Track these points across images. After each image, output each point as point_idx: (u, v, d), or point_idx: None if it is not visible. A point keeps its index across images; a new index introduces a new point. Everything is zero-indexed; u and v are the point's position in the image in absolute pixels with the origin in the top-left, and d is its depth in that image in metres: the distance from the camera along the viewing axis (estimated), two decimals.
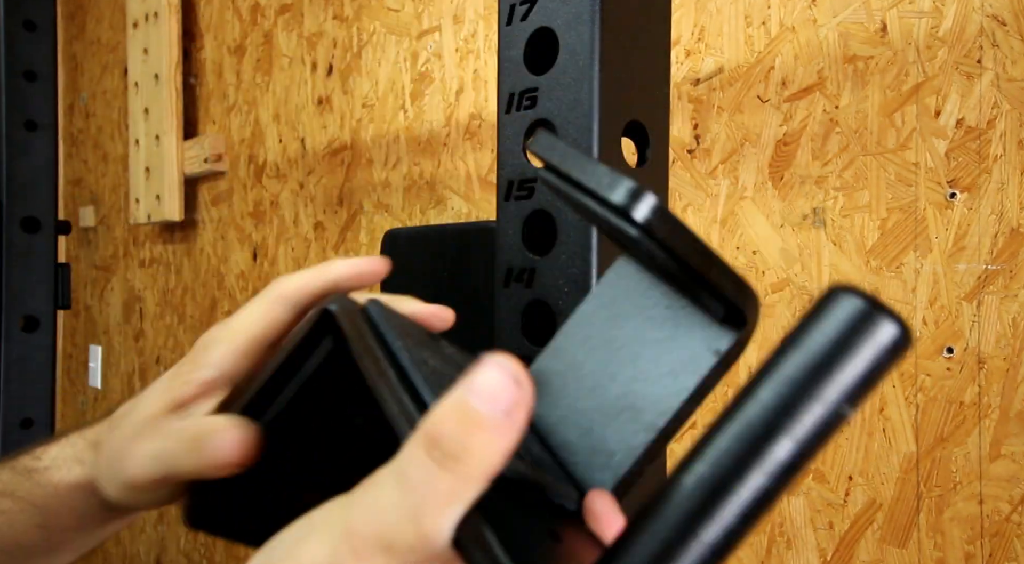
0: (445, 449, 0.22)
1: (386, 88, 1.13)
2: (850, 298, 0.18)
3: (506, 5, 0.38)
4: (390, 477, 0.23)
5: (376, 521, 0.23)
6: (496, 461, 0.23)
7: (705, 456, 0.18)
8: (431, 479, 0.23)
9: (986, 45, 0.60)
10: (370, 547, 0.23)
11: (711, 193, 0.76)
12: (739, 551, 0.74)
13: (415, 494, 0.23)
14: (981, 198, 0.61)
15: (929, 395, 0.63)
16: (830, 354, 0.17)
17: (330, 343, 0.33)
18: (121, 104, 1.89)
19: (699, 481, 0.18)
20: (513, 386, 0.22)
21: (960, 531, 0.61)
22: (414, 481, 0.23)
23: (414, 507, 0.23)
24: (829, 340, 0.17)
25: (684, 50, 0.78)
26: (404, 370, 0.28)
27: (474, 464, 0.22)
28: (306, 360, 0.33)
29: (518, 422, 0.22)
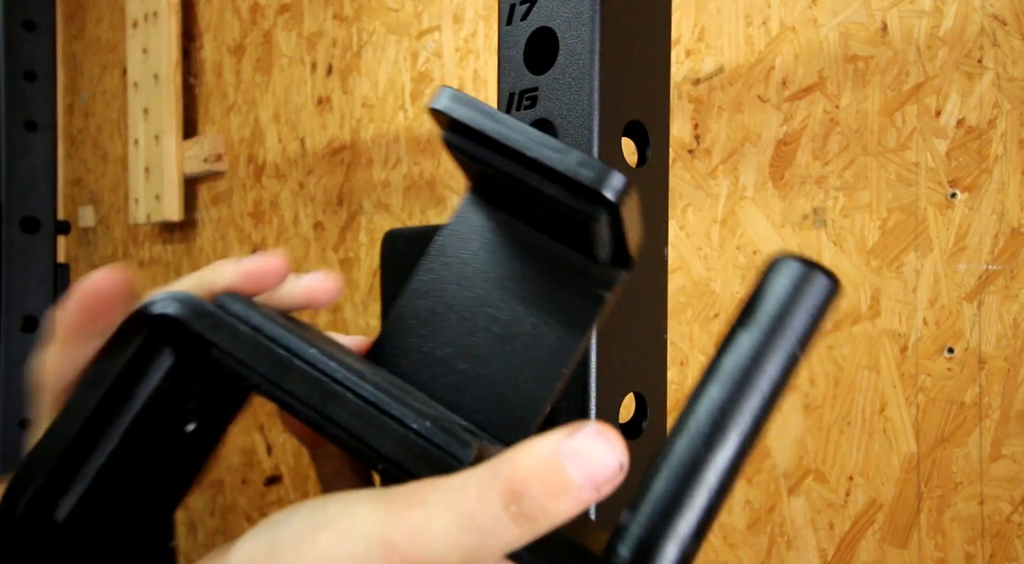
0: (525, 509, 0.21)
1: (386, 88, 1.13)
2: (790, 261, 0.23)
3: (506, 5, 0.38)
4: (447, 509, 0.22)
5: (424, 546, 0.22)
6: (553, 525, 0.22)
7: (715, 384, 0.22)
8: (500, 530, 0.22)
9: (987, 45, 0.60)
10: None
11: (711, 193, 0.76)
12: (740, 551, 0.74)
13: (478, 536, 0.22)
14: (982, 198, 0.61)
15: (930, 395, 0.63)
16: (785, 306, 0.22)
17: (169, 358, 0.27)
18: (121, 104, 1.89)
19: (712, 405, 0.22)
20: (616, 469, 0.21)
21: (961, 531, 0.61)
22: (482, 526, 0.22)
23: (472, 548, 0.22)
24: (783, 295, 0.22)
25: (684, 50, 0.78)
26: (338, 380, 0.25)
27: (547, 525, 0.22)
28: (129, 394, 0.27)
29: (603, 497, 0.22)
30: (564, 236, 0.28)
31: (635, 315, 0.37)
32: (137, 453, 0.27)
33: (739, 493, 0.74)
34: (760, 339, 0.22)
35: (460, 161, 0.28)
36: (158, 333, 0.27)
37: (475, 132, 0.26)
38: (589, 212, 0.25)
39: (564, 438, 0.22)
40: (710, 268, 0.76)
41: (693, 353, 0.77)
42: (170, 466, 0.30)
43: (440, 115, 0.27)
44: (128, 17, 1.68)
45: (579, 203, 0.25)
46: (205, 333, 0.26)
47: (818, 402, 0.69)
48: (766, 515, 0.72)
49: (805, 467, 0.70)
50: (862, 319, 0.67)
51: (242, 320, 0.26)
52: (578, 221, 0.26)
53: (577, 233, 0.27)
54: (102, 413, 0.26)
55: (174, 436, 0.29)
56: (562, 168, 0.25)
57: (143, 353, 0.27)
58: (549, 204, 0.26)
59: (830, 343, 0.68)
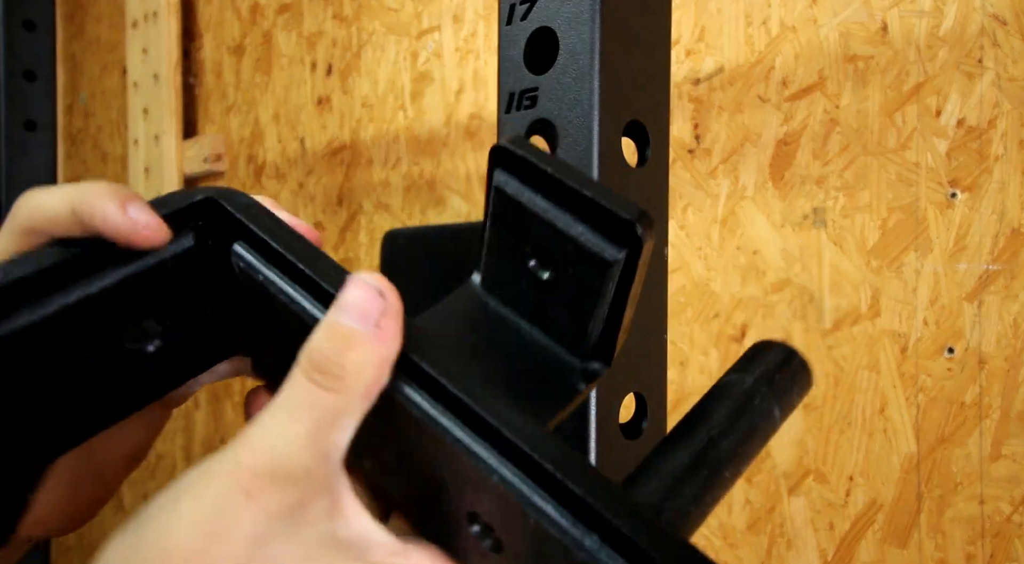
0: (324, 370, 0.23)
1: (386, 88, 1.13)
2: (781, 346, 0.28)
3: (506, 5, 0.38)
4: (278, 410, 0.24)
5: (268, 453, 0.23)
6: (376, 373, 0.23)
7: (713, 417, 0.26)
8: (319, 402, 0.23)
9: (987, 45, 0.60)
10: (263, 480, 0.23)
11: (711, 193, 0.76)
12: (740, 551, 0.74)
13: (306, 419, 0.23)
14: (982, 198, 0.60)
15: (930, 395, 0.63)
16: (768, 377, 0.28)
17: (190, 241, 0.27)
18: (120, 104, 1.89)
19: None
20: (377, 298, 0.24)
21: (961, 532, 0.61)
22: (302, 407, 0.23)
23: (307, 432, 0.23)
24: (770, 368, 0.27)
25: (684, 50, 0.78)
26: None
27: (354, 380, 0.23)
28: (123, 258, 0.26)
29: (390, 332, 0.24)
30: (555, 323, 0.29)
31: (635, 315, 0.37)
32: (81, 337, 0.26)
33: (739, 493, 0.74)
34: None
35: (497, 206, 0.29)
36: (188, 213, 0.27)
37: (530, 166, 0.28)
38: (610, 254, 0.26)
39: (335, 301, 0.24)
40: (710, 268, 0.76)
41: (693, 353, 0.77)
42: (104, 384, 0.27)
43: (503, 152, 0.28)
44: (128, 17, 1.68)
45: (604, 244, 0.26)
46: (242, 217, 0.27)
47: (818, 402, 0.69)
48: (766, 515, 0.72)
49: (805, 467, 0.70)
50: (862, 319, 0.66)
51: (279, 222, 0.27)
52: (588, 275, 0.27)
53: (577, 301, 0.28)
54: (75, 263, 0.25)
55: (130, 347, 0.27)
56: (603, 199, 0.26)
57: (166, 222, 0.27)
58: (571, 249, 0.27)
59: (830, 343, 0.68)
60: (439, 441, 0.23)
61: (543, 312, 0.30)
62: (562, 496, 0.21)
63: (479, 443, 0.23)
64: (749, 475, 0.73)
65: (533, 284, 0.29)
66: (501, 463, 0.22)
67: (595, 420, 0.34)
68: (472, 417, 0.23)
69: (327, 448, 0.23)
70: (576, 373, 0.29)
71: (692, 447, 0.25)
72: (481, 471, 0.22)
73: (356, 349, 0.23)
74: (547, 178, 0.27)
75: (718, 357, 0.75)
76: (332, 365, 0.23)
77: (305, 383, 0.23)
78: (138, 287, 0.27)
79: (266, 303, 0.27)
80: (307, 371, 0.24)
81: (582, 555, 0.21)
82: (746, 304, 0.73)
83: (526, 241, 0.29)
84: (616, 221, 0.26)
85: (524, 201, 0.28)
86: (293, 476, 0.23)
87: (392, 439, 0.25)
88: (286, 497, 0.23)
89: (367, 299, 0.24)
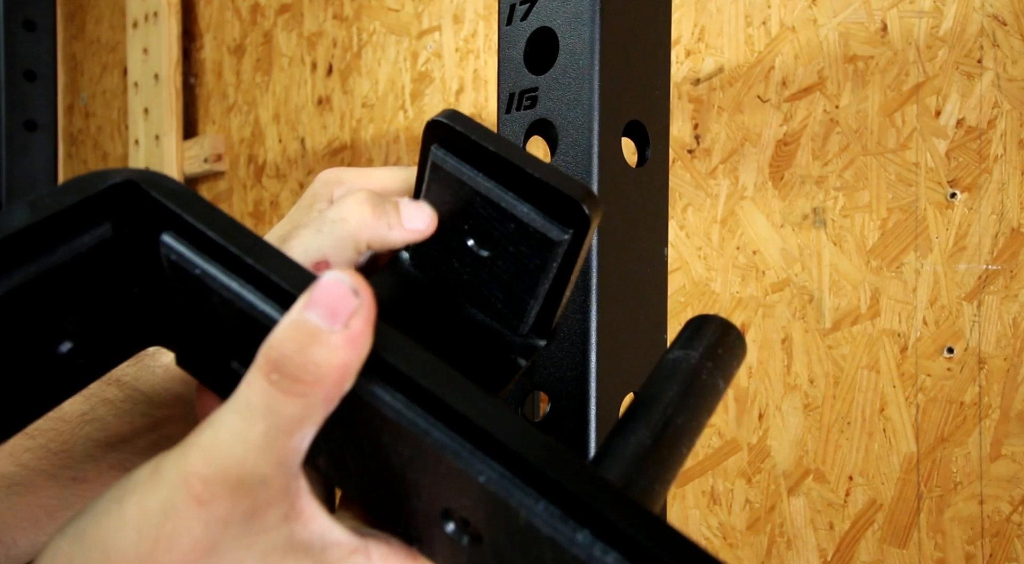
0: (285, 371, 0.21)
1: (386, 88, 1.13)
2: (717, 320, 0.28)
3: (506, 5, 0.38)
4: (232, 412, 0.22)
5: (219, 459, 0.21)
6: (341, 377, 0.21)
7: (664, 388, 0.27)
8: (276, 405, 0.21)
9: (986, 45, 0.60)
10: (214, 487, 0.21)
11: (711, 193, 0.76)
12: (740, 551, 0.74)
13: (262, 424, 0.21)
14: (981, 198, 0.61)
15: (929, 395, 0.63)
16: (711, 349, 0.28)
17: (108, 231, 0.24)
18: (121, 104, 1.89)
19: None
20: (350, 296, 0.21)
21: (960, 531, 0.61)
22: (259, 411, 0.21)
23: (263, 438, 0.21)
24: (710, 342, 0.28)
25: (684, 50, 0.78)
26: None
27: (317, 384, 0.21)
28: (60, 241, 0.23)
29: (360, 334, 0.21)
30: (491, 300, 0.29)
31: (635, 315, 0.37)
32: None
33: (739, 493, 0.74)
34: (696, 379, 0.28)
35: (434, 183, 0.28)
36: (104, 199, 0.24)
37: (470, 142, 0.26)
38: (556, 234, 0.26)
39: (302, 296, 0.21)
40: (710, 268, 0.76)
41: None
42: (12, 388, 0.25)
43: (440, 128, 0.27)
44: (128, 17, 1.68)
45: (549, 223, 0.26)
46: (170, 203, 0.23)
47: (818, 402, 0.69)
48: (766, 515, 0.72)
49: (805, 467, 0.70)
50: (862, 319, 0.67)
51: (213, 209, 0.24)
52: (531, 254, 0.27)
53: (517, 279, 0.28)
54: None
55: (43, 349, 0.25)
56: (547, 178, 0.25)
57: (77, 211, 0.23)
58: (513, 228, 0.27)
59: (830, 343, 0.68)
60: (415, 442, 0.22)
61: (478, 289, 0.29)
62: (552, 493, 0.21)
63: (461, 443, 0.22)
64: (749, 475, 0.73)
65: (470, 262, 0.28)
66: (486, 463, 0.21)
67: (595, 420, 0.34)
68: (452, 416, 0.22)
69: (284, 455, 0.22)
70: (515, 349, 0.29)
71: (651, 427, 0.25)
72: (465, 471, 0.21)
73: (321, 350, 0.21)
74: (489, 156, 0.26)
75: None
76: (294, 367, 0.21)
77: (263, 385, 0.21)
78: (50, 286, 0.24)
79: (204, 298, 0.24)
80: (265, 371, 0.21)
81: (575, 550, 0.20)
82: (746, 304, 0.73)
83: (464, 219, 0.28)
84: (562, 200, 0.25)
85: (464, 178, 0.27)
86: (247, 484, 0.21)
87: (353, 438, 0.24)
88: (239, 505, 0.21)
89: (339, 297, 0.21)
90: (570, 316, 0.35)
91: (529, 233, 0.26)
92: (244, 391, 0.22)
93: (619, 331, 0.36)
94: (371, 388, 0.22)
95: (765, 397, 0.72)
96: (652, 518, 0.20)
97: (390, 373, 0.22)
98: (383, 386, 0.22)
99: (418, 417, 0.22)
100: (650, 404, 0.26)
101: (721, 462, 0.75)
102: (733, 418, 0.74)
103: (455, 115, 0.27)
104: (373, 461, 0.24)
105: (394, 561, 0.24)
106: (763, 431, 0.72)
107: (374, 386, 0.22)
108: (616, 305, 0.36)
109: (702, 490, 0.76)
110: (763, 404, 0.72)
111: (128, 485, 0.22)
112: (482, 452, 0.21)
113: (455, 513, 0.23)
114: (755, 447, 0.73)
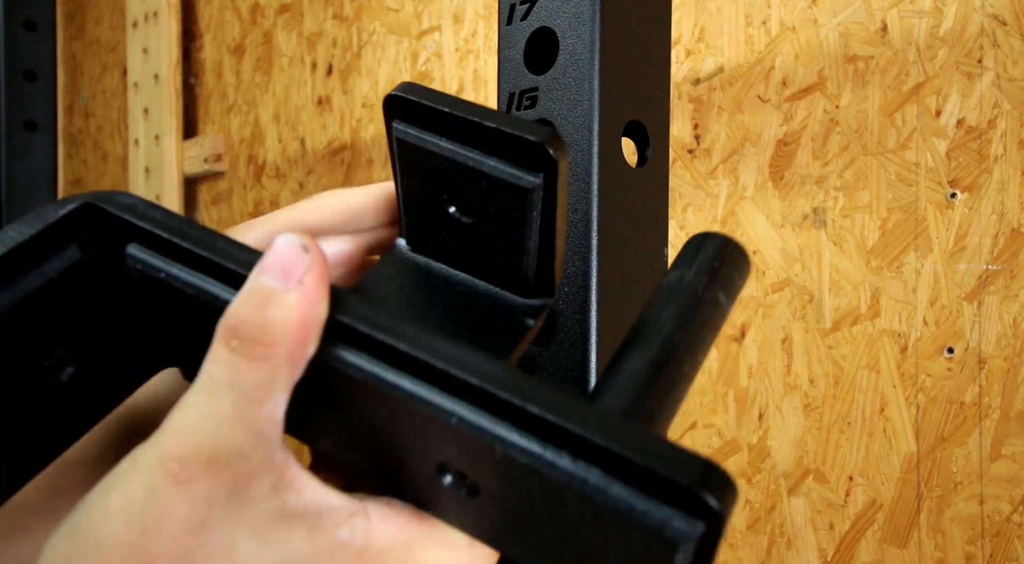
0: (244, 336, 0.21)
1: (386, 88, 1.13)
2: (714, 235, 0.27)
3: (506, 5, 0.38)
4: (200, 389, 0.21)
5: (192, 437, 0.21)
6: (300, 334, 0.21)
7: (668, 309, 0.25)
8: (239, 374, 0.21)
9: (987, 45, 0.60)
10: (191, 466, 0.21)
11: (711, 193, 0.76)
12: (740, 551, 0.74)
13: (228, 395, 0.21)
14: (982, 198, 0.61)
15: (930, 395, 0.63)
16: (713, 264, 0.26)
17: (76, 253, 0.25)
18: (121, 104, 1.89)
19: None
20: (300, 253, 0.21)
21: (961, 531, 0.61)
22: (223, 382, 0.21)
23: (232, 409, 0.21)
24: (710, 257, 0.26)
25: (684, 50, 0.78)
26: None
27: (277, 344, 0.21)
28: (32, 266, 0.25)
29: (314, 288, 0.21)
30: (488, 266, 0.28)
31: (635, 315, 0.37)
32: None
33: (739, 493, 0.74)
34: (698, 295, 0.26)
35: (403, 159, 0.28)
36: (66, 224, 0.25)
37: (427, 110, 0.26)
38: (527, 181, 0.25)
39: (256, 267, 0.22)
40: None
41: None
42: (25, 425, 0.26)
43: (397, 102, 0.27)
44: (128, 17, 1.68)
45: (518, 172, 0.26)
46: (127, 216, 0.24)
47: (818, 402, 0.69)
48: (766, 515, 0.72)
49: (805, 467, 0.70)
50: (862, 319, 0.67)
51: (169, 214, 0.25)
52: (509, 207, 0.26)
53: (505, 238, 0.27)
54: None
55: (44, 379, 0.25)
56: (507, 127, 0.25)
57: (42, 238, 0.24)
58: (486, 185, 0.26)
59: (830, 343, 0.68)
60: (389, 399, 0.22)
61: (474, 258, 0.29)
62: (522, 420, 0.20)
63: (428, 388, 0.21)
64: (749, 475, 0.73)
65: (457, 231, 0.28)
66: (455, 403, 0.21)
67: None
68: (415, 364, 0.21)
69: (258, 425, 0.21)
70: (521, 311, 0.28)
71: (648, 349, 0.24)
72: (438, 417, 0.21)
73: (277, 309, 0.21)
74: (446, 117, 0.26)
75: (718, 357, 0.75)
76: (251, 329, 0.21)
77: (224, 353, 0.21)
78: (31, 311, 0.24)
79: (175, 301, 0.25)
80: (224, 339, 0.21)
81: (556, 474, 0.20)
82: (746, 304, 0.73)
83: (440, 189, 0.27)
84: (526, 146, 0.25)
85: (429, 147, 0.27)
86: (223, 458, 0.21)
87: (342, 414, 0.24)
88: (220, 480, 0.21)
89: (289, 256, 0.21)
90: (570, 316, 0.35)
91: (501, 186, 0.26)
92: (207, 367, 0.21)
93: (619, 331, 0.36)
94: (337, 353, 0.22)
95: (765, 397, 0.72)
96: (631, 429, 0.20)
97: (353, 336, 0.22)
98: (348, 349, 0.22)
99: (385, 372, 0.22)
100: (643, 328, 0.25)
101: (721, 462, 0.75)
102: (733, 418, 0.74)
103: (410, 86, 0.27)
104: (364, 431, 0.24)
105: (395, 520, 0.23)
106: (763, 431, 0.72)
107: (339, 351, 0.22)
108: (616, 305, 0.36)
109: None
110: (763, 404, 0.72)
111: (112, 477, 0.22)
112: (448, 394, 0.21)
113: (450, 466, 0.22)
114: (755, 447, 0.73)
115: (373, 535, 0.23)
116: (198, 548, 0.21)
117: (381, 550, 0.23)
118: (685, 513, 0.19)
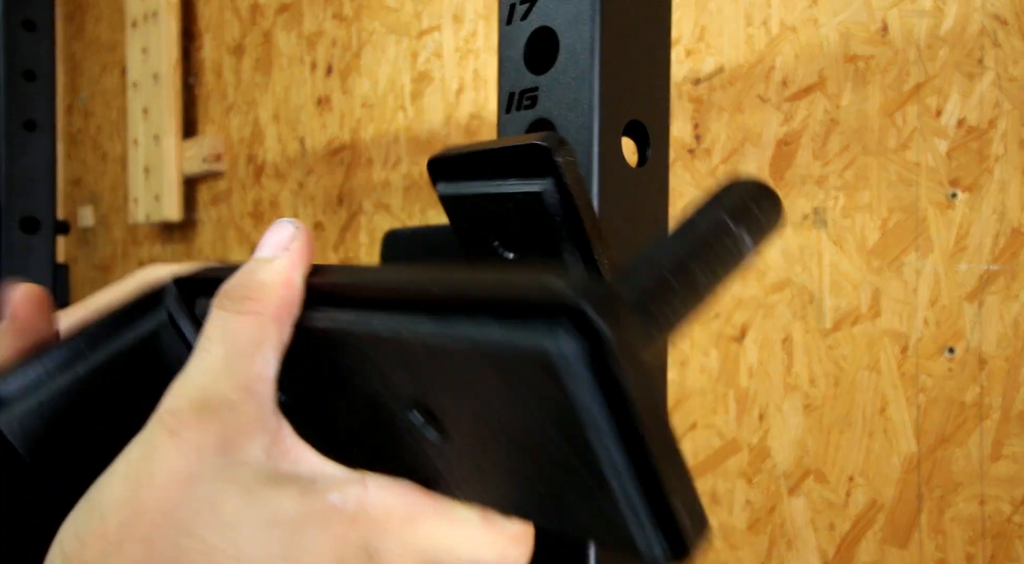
0: (234, 295, 0.24)
1: (386, 88, 1.13)
2: (748, 180, 0.26)
3: (506, 5, 0.38)
4: (197, 350, 0.24)
5: (184, 389, 0.23)
6: (284, 292, 0.24)
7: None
8: (229, 328, 0.23)
9: (987, 45, 0.60)
10: (182, 415, 0.22)
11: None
12: (740, 552, 0.74)
13: (219, 347, 0.23)
14: (982, 198, 0.60)
15: (930, 395, 0.63)
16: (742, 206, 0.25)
17: (164, 315, 0.30)
18: (120, 104, 1.89)
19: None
20: (291, 230, 0.25)
21: (961, 532, 0.61)
22: (216, 337, 0.23)
23: (222, 359, 0.23)
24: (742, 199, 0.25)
25: (685, 50, 0.78)
26: None
27: (263, 300, 0.23)
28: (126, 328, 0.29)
29: (297, 252, 0.24)
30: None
31: None
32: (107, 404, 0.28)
33: (739, 493, 0.74)
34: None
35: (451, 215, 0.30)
36: (158, 296, 0.30)
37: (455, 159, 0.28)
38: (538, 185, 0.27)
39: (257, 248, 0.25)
40: None
41: (693, 353, 0.77)
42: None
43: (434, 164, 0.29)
44: (128, 17, 1.68)
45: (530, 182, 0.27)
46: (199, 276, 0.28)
47: (818, 402, 0.69)
48: (766, 515, 0.72)
49: (805, 467, 0.70)
50: (862, 319, 0.66)
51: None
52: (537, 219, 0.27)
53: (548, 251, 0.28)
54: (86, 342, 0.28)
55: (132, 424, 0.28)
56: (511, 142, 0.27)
57: (140, 306, 0.29)
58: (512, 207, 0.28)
59: (830, 343, 0.68)
60: (362, 341, 0.22)
61: None
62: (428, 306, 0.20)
63: (391, 318, 0.21)
64: (749, 475, 0.73)
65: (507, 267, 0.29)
66: (411, 322, 0.20)
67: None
68: (380, 301, 0.22)
69: (247, 379, 0.23)
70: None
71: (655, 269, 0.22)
72: (397, 337, 0.21)
73: (264, 270, 0.24)
74: (467, 158, 0.28)
75: (718, 357, 0.75)
76: (241, 288, 0.24)
77: (217, 314, 0.24)
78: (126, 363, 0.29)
79: None
80: (219, 301, 0.24)
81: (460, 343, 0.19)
82: (746, 304, 0.73)
83: (482, 226, 0.29)
84: (528, 153, 0.26)
85: (462, 192, 0.28)
86: (212, 407, 0.22)
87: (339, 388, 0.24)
88: (209, 430, 0.22)
89: (281, 235, 0.25)
90: None
91: (522, 199, 0.27)
92: (203, 331, 0.24)
93: None
94: (314, 315, 0.24)
95: (765, 397, 0.72)
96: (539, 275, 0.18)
97: (326, 296, 0.24)
98: (330, 309, 0.24)
99: (351, 315, 0.23)
100: (655, 254, 0.23)
101: (721, 462, 0.75)
102: (733, 418, 0.74)
103: (445, 150, 0.29)
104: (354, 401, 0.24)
105: (394, 489, 0.23)
106: (763, 431, 0.72)
107: (320, 313, 0.24)
108: None
109: (702, 491, 0.76)
110: (763, 404, 0.72)
111: (122, 455, 0.23)
112: (408, 314, 0.21)
113: (418, 403, 0.22)
114: (755, 447, 0.73)
115: (368, 502, 0.22)
116: (187, 502, 0.21)
117: (378, 518, 0.22)
118: (565, 333, 0.17)
